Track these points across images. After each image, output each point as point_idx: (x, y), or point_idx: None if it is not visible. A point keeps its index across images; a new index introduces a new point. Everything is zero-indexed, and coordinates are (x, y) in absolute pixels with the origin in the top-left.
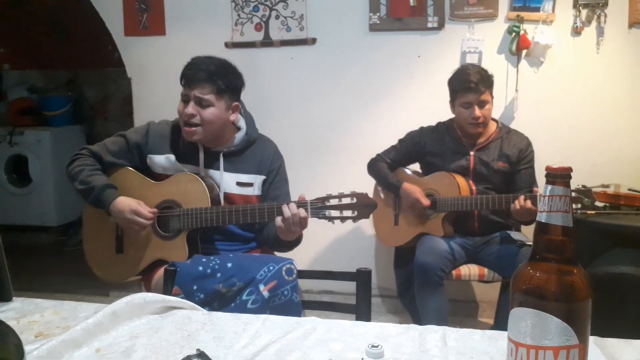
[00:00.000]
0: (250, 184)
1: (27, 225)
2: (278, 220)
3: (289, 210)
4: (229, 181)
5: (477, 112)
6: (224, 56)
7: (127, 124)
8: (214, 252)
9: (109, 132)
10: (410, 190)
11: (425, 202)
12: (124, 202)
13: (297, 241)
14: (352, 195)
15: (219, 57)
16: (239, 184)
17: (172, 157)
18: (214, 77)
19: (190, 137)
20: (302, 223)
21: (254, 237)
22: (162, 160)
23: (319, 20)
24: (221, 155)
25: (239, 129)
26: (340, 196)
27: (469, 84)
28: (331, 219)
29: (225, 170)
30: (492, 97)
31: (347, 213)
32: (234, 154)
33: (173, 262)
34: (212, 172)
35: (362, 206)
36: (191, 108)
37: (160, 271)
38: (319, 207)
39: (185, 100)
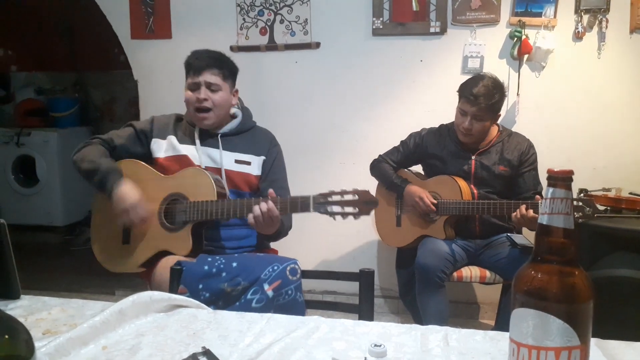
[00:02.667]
0: (248, 162)
1: (34, 225)
2: (250, 217)
3: (259, 208)
4: (227, 159)
5: (468, 123)
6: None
7: None
8: (218, 247)
9: None
10: (416, 191)
11: (431, 203)
12: (126, 192)
13: (280, 233)
14: (354, 192)
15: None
16: (237, 161)
17: (173, 138)
18: (219, 62)
19: (202, 123)
20: (274, 221)
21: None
22: (165, 143)
23: (323, 24)
24: (219, 136)
25: (232, 117)
26: (343, 192)
27: (470, 95)
28: (333, 214)
29: (224, 149)
30: (493, 116)
31: (349, 209)
32: (230, 135)
33: (179, 261)
34: (211, 150)
35: (364, 203)
36: (203, 93)
37: (162, 263)
38: (321, 203)
39: (194, 88)
